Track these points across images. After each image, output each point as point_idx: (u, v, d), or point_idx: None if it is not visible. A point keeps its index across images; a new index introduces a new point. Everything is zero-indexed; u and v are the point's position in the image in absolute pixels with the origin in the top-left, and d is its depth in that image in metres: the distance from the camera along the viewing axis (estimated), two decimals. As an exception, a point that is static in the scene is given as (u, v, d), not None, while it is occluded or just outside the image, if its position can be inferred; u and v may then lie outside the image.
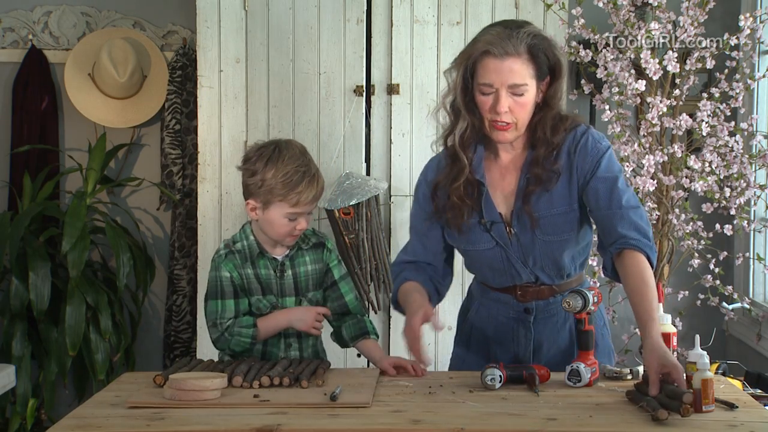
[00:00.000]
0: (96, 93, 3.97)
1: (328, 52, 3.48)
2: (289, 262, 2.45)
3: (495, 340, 2.40)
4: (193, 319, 3.85)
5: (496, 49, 2.18)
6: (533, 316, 2.35)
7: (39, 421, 3.67)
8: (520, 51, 2.18)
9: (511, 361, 2.36)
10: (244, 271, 2.42)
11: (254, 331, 2.40)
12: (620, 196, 2.23)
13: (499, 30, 2.21)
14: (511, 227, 2.29)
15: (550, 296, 2.34)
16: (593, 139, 2.28)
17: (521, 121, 2.24)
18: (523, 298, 2.35)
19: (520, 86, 2.19)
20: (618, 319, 3.58)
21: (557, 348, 2.37)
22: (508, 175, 2.32)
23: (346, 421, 1.88)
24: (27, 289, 3.56)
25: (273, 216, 2.37)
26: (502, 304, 2.38)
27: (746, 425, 1.85)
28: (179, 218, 3.92)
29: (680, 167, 3.33)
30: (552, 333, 2.37)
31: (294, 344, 2.47)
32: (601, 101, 3.41)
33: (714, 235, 3.39)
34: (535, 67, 2.20)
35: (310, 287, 2.47)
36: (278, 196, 2.35)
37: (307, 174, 2.36)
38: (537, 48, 2.19)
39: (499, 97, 2.20)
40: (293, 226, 2.39)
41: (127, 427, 1.86)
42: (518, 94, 2.20)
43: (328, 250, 2.49)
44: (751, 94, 3.61)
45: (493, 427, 1.83)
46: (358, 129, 3.46)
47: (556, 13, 3.42)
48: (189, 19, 3.86)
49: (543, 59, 2.21)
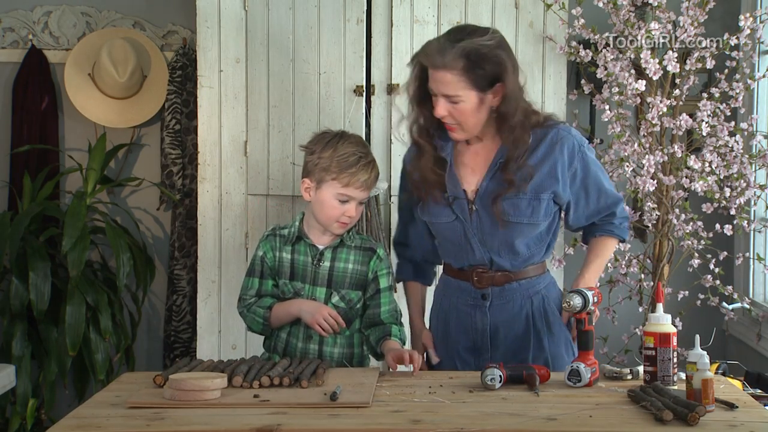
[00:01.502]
0: (96, 93, 3.97)
1: (328, 52, 3.48)
2: (329, 253, 2.52)
3: (456, 328, 2.50)
4: (193, 319, 3.85)
5: (429, 61, 2.32)
6: (489, 302, 2.45)
7: (39, 421, 3.67)
8: (451, 65, 2.29)
9: (470, 347, 2.47)
10: (279, 253, 2.54)
11: (266, 313, 2.51)
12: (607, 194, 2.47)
13: (439, 42, 2.33)
14: (473, 204, 2.41)
15: (505, 283, 2.44)
16: (579, 147, 2.42)
17: (465, 125, 2.37)
18: (479, 283, 2.45)
19: (452, 97, 2.32)
20: (618, 319, 3.58)
21: (514, 335, 2.45)
22: (477, 157, 2.44)
23: (346, 421, 1.88)
24: (27, 289, 3.56)
25: (324, 196, 2.46)
26: (461, 292, 2.48)
27: (746, 425, 1.85)
28: (179, 218, 3.92)
29: (680, 167, 3.33)
30: (508, 319, 2.45)
31: (315, 336, 2.51)
32: (601, 101, 3.41)
33: (714, 235, 3.39)
34: (472, 78, 2.30)
35: (345, 284, 2.51)
36: (332, 174, 2.44)
37: (363, 159, 2.46)
38: (471, 62, 2.28)
39: (438, 102, 2.34)
40: (342, 211, 2.46)
41: (127, 427, 1.86)
42: (454, 102, 2.32)
43: (379, 258, 2.55)
44: (751, 94, 3.60)
45: (493, 427, 1.83)
46: (358, 129, 3.45)
47: (556, 13, 3.42)
48: (189, 19, 3.86)
49: (481, 71, 2.30)
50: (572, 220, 2.50)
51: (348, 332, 2.54)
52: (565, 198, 2.43)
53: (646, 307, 3.47)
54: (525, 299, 2.45)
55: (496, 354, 2.43)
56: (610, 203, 2.49)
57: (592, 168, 2.44)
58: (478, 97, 2.33)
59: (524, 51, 3.46)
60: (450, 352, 2.51)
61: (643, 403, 1.94)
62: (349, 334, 2.55)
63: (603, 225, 2.52)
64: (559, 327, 2.47)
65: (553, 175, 2.39)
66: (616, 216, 2.51)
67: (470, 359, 2.47)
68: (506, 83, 2.32)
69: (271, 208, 3.54)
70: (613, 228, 2.52)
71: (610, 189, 2.49)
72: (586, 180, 2.44)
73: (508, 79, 2.32)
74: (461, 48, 2.28)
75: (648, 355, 2.14)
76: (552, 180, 2.39)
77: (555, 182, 2.39)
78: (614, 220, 2.51)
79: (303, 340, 2.52)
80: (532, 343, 2.44)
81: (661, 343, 2.12)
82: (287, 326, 2.54)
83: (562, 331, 2.48)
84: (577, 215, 2.48)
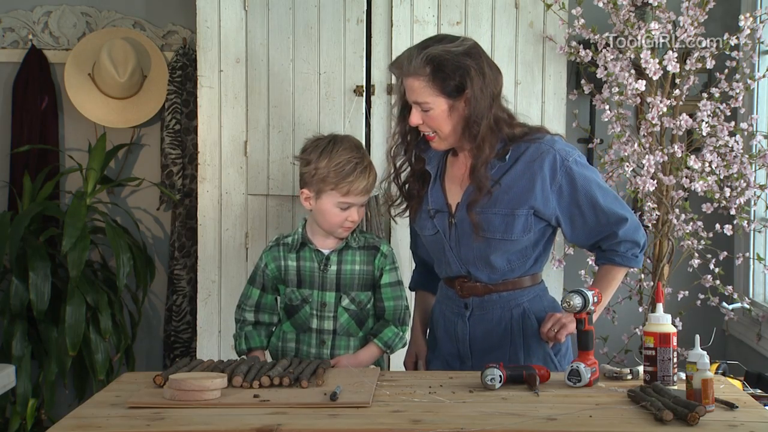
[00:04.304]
0: (96, 93, 3.96)
1: (328, 52, 3.48)
2: (335, 257, 2.53)
3: (444, 335, 2.51)
4: (193, 319, 3.85)
5: (398, 69, 2.36)
6: (470, 311, 2.45)
7: (39, 421, 3.67)
8: (418, 72, 2.32)
9: (456, 354, 2.48)
10: (284, 263, 2.55)
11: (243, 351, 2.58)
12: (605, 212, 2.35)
13: (410, 50, 2.35)
14: (453, 218, 2.41)
15: (485, 294, 2.43)
16: (560, 157, 2.35)
17: (440, 132, 2.37)
18: (461, 292, 2.45)
19: (422, 104, 2.34)
20: (618, 319, 3.58)
21: (490, 346, 2.44)
22: (464, 169, 2.43)
23: (346, 421, 1.88)
24: (27, 289, 3.56)
25: (325, 205, 2.47)
26: (449, 300, 2.50)
27: (746, 425, 1.85)
28: (179, 218, 3.92)
29: (680, 167, 3.33)
30: (486, 330, 2.44)
31: (328, 341, 2.53)
32: (601, 101, 3.41)
33: (714, 235, 3.39)
34: (439, 85, 2.31)
35: (354, 286, 2.53)
36: (330, 185, 2.44)
37: (359, 165, 2.46)
38: (436, 69, 2.30)
39: (412, 111, 2.36)
40: (345, 217, 2.47)
41: (127, 427, 1.86)
42: (425, 110, 2.34)
43: (383, 255, 2.56)
44: (751, 94, 3.60)
45: (493, 427, 1.83)
46: (358, 129, 3.46)
47: (556, 13, 3.42)
48: (189, 19, 3.86)
49: (446, 77, 2.31)
50: (571, 239, 2.43)
51: (362, 333, 2.55)
52: (550, 214, 2.36)
53: (646, 307, 3.47)
54: (505, 311, 2.42)
55: (477, 363, 2.41)
56: (611, 222, 2.36)
57: (580, 183, 2.34)
58: (447, 104, 2.33)
59: (524, 51, 3.47)
60: (439, 357, 2.54)
61: (643, 403, 1.93)
62: (363, 335, 2.55)
63: (608, 252, 2.41)
64: (537, 343, 2.42)
65: (531, 191, 2.33)
66: (619, 238, 2.37)
67: (456, 366, 2.48)
68: (470, 88, 2.30)
69: (271, 208, 3.54)
70: (614, 256, 2.40)
71: (610, 207, 2.36)
72: (575, 195, 2.34)
73: (471, 85, 2.30)
74: (426, 54, 2.30)
75: (648, 355, 2.14)
76: (528, 195, 2.33)
77: (532, 198, 2.33)
78: (620, 246, 2.39)
79: (316, 346, 2.52)
80: (508, 356, 2.41)
81: (661, 343, 2.12)
82: (295, 335, 2.55)
83: (540, 347, 2.43)
84: (575, 233, 2.40)
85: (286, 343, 2.56)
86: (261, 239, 3.52)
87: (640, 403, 1.95)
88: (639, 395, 1.99)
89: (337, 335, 2.52)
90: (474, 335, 2.45)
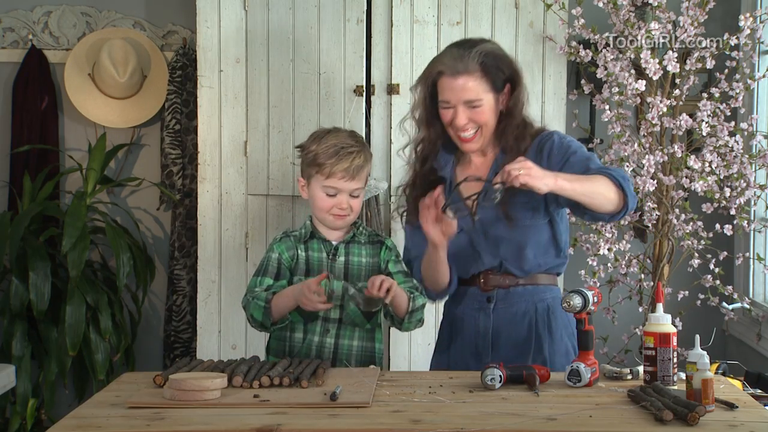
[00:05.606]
0: (96, 93, 3.97)
1: (328, 52, 3.48)
2: (343, 248, 2.54)
3: (461, 334, 2.52)
4: (193, 319, 3.85)
5: (450, 69, 2.40)
6: (493, 304, 2.47)
7: (39, 421, 3.67)
8: (471, 69, 2.39)
9: (473, 352, 2.48)
10: (295, 252, 2.54)
11: (268, 296, 2.45)
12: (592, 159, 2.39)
13: (453, 51, 2.43)
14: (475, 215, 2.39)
15: (511, 286, 2.46)
16: (560, 138, 2.45)
17: (485, 127, 2.43)
18: (485, 285, 2.48)
19: (474, 101, 2.40)
20: (618, 319, 3.58)
21: (515, 339, 2.46)
22: (478, 172, 2.48)
23: (346, 421, 1.88)
24: (27, 289, 3.56)
25: (313, 191, 2.51)
26: (468, 297, 2.51)
27: (746, 425, 1.85)
28: (179, 218, 3.92)
29: (680, 167, 3.33)
30: (510, 323, 2.46)
31: (332, 330, 2.52)
32: (601, 101, 3.41)
33: (714, 235, 3.39)
34: (489, 81, 2.41)
35: (362, 278, 2.53)
36: (315, 168, 2.48)
37: (344, 149, 2.46)
38: (489, 64, 2.40)
39: (457, 113, 2.41)
40: (333, 204, 2.48)
41: (127, 427, 1.86)
42: (475, 107, 2.40)
43: (387, 248, 2.58)
44: (751, 94, 3.60)
45: (493, 427, 1.83)
46: (358, 129, 3.45)
47: (556, 13, 3.42)
48: (189, 19, 3.85)
49: (496, 73, 2.41)
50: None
51: (369, 325, 2.54)
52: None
53: (646, 307, 3.47)
54: (529, 304, 2.47)
55: (496, 357, 2.42)
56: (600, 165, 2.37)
57: (564, 143, 2.41)
58: (495, 99, 2.43)
59: (524, 51, 3.47)
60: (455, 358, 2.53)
61: (643, 403, 1.93)
62: (370, 328, 2.55)
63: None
64: (561, 335, 2.47)
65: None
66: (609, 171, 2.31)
67: (472, 364, 2.47)
68: (517, 83, 2.43)
69: (271, 208, 3.54)
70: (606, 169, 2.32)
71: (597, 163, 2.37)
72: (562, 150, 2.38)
73: (519, 80, 2.44)
74: (477, 52, 2.39)
75: (648, 355, 2.14)
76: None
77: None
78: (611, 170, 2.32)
79: (320, 334, 2.51)
80: (533, 348, 2.45)
81: (661, 343, 2.12)
82: (301, 325, 2.53)
83: (564, 340, 2.47)
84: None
85: (293, 333, 2.53)
86: (261, 239, 3.53)
87: (640, 403, 1.95)
88: (639, 395, 1.99)
89: (343, 324, 2.52)
90: (497, 327, 2.47)
